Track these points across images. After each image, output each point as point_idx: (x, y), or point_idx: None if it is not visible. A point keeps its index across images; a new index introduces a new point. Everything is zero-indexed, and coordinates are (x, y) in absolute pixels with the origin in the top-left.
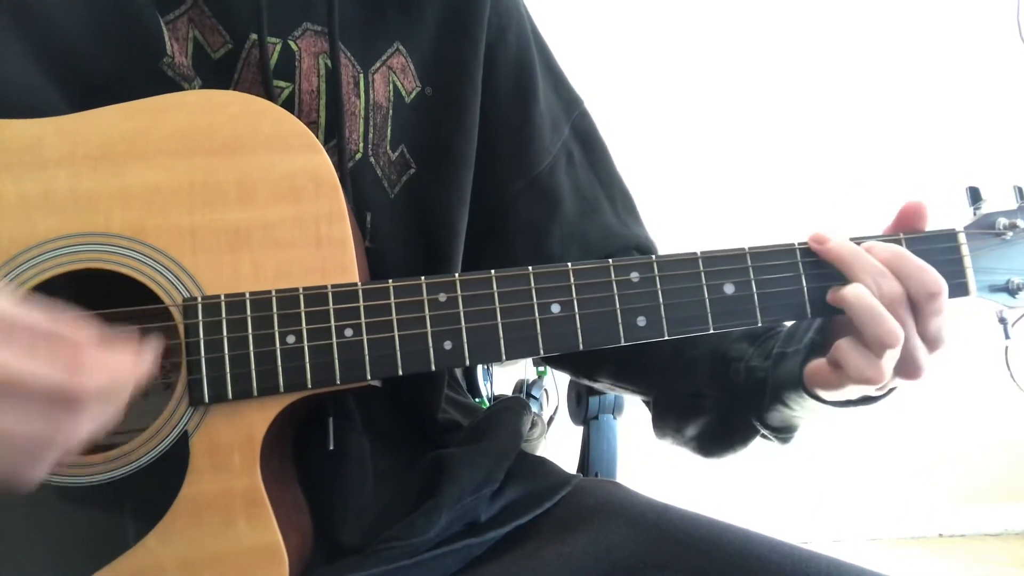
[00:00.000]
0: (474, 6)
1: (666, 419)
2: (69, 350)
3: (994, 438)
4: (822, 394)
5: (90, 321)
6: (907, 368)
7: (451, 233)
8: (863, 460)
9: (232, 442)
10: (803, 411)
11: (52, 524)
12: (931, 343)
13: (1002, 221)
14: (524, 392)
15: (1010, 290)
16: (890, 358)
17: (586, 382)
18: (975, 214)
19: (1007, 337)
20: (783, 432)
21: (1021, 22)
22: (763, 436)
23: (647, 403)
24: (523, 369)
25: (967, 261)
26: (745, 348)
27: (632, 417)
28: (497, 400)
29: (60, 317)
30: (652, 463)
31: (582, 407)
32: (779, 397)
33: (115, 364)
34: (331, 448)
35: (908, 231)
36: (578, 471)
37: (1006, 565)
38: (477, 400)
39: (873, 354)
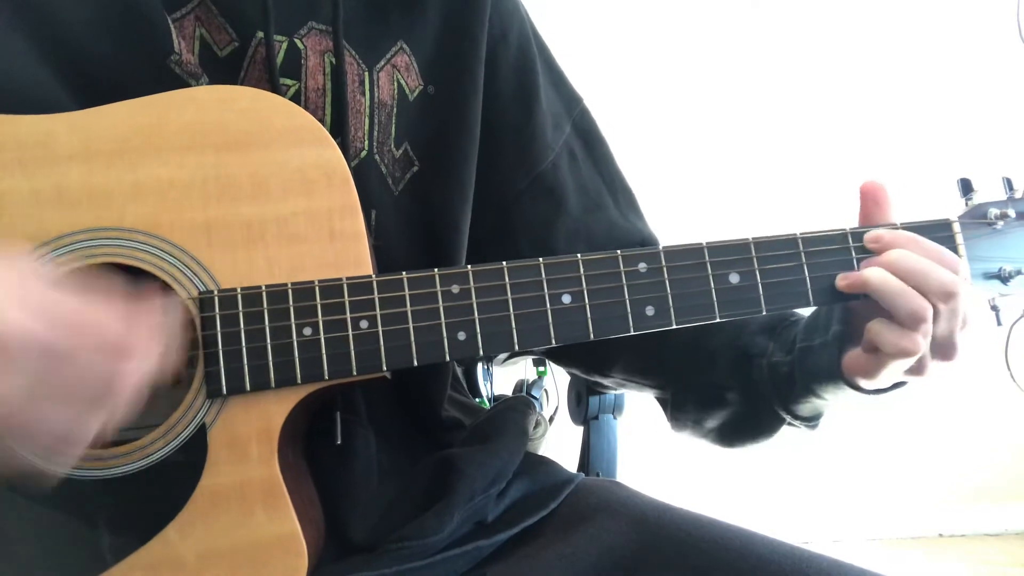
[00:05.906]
0: (475, 6)
1: (684, 411)
2: (124, 309)
3: (994, 438)
4: (861, 383)
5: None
6: (945, 350)
7: (453, 230)
8: (863, 460)
9: (250, 434)
10: (835, 400)
11: (70, 518)
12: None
13: (993, 211)
14: (524, 392)
15: (1003, 277)
16: (924, 331)
17: (596, 378)
18: (967, 205)
19: (999, 324)
20: (811, 420)
21: (1021, 22)
22: (790, 424)
23: (661, 399)
24: (523, 369)
25: (962, 250)
26: (764, 343)
27: (632, 417)
28: (498, 400)
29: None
30: (652, 463)
31: (582, 407)
32: (810, 389)
33: (156, 319)
34: (338, 443)
35: (870, 214)
36: (578, 471)
37: (1006, 565)
38: (477, 400)
39: (908, 328)
